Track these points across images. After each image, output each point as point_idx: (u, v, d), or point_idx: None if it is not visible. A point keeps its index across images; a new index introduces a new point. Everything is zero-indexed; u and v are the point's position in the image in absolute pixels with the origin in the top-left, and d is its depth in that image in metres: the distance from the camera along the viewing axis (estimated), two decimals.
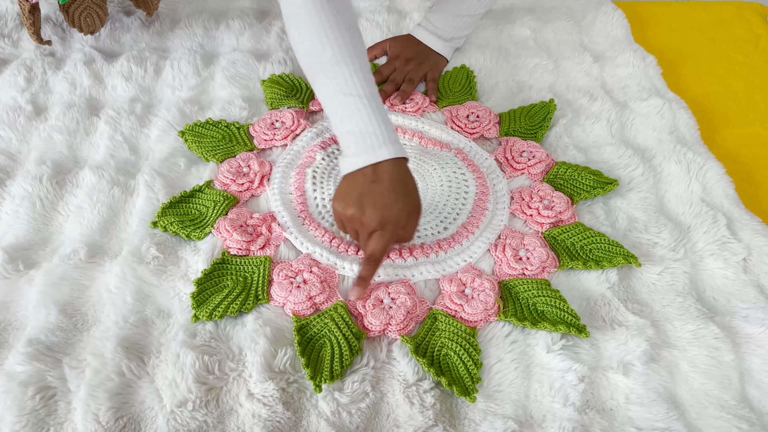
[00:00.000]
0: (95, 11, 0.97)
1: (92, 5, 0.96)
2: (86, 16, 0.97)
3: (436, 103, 0.96)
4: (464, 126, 0.91)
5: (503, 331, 0.68)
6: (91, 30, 0.98)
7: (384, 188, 0.67)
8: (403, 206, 0.67)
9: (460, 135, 0.91)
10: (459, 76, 1.00)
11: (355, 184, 0.68)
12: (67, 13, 0.96)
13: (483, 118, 0.92)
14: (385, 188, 0.67)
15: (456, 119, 0.92)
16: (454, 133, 0.91)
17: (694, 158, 0.87)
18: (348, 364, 0.64)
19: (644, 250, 0.77)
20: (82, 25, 0.97)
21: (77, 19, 0.97)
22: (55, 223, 0.77)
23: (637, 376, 0.65)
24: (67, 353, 0.64)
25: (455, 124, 0.92)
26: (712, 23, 1.17)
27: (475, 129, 0.91)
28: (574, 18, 1.13)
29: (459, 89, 0.98)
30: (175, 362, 0.63)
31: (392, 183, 0.67)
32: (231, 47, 1.03)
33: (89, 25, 0.98)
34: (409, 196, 0.69)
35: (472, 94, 0.97)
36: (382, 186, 0.67)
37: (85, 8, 0.96)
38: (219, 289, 0.69)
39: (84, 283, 0.70)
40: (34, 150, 0.84)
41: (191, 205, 0.78)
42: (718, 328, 0.68)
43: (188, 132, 0.87)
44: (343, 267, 0.73)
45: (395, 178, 0.67)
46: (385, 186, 0.67)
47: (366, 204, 0.67)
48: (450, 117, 0.93)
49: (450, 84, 0.99)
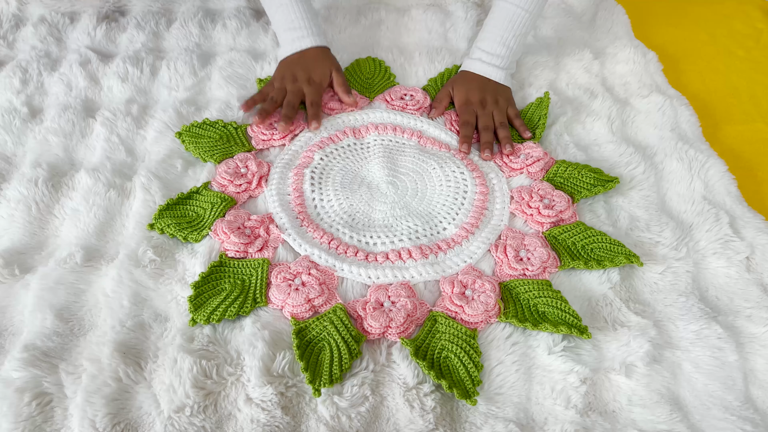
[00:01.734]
0: None
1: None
2: None
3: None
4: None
5: (504, 333, 0.67)
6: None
7: (308, 59, 0.93)
8: (323, 66, 0.93)
9: (458, 136, 0.90)
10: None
11: (288, 60, 0.94)
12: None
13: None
14: (309, 59, 0.93)
15: (455, 122, 0.92)
16: (452, 133, 0.90)
17: (696, 155, 0.86)
18: (347, 367, 0.63)
19: (646, 249, 0.76)
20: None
21: None
22: (50, 226, 0.76)
23: (639, 377, 0.64)
24: (63, 359, 0.63)
25: (453, 127, 0.91)
26: (713, 19, 1.16)
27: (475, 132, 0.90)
28: (573, 14, 1.12)
29: None
30: (173, 367, 0.62)
31: (315, 55, 0.94)
32: (228, 47, 1.02)
33: None
34: (328, 59, 0.94)
35: None
36: (306, 59, 0.93)
37: None
38: (217, 293, 0.69)
39: (80, 288, 0.69)
40: (30, 152, 0.84)
41: (188, 207, 0.78)
42: (721, 327, 0.68)
43: (185, 133, 0.86)
44: (342, 269, 0.72)
45: (318, 53, 0.94)
46: (309, 57, 0.93)
47: (296, 70, 0.92)
48: (449, 118, 0.92)
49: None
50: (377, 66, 1.00)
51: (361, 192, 0.82)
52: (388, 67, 1.00)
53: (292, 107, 0.88)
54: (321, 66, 0.93)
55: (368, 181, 0.84)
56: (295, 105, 0.89)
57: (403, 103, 0.93)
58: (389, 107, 0.93)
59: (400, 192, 0.82)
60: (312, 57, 0.93)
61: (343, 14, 1.09)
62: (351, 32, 1.07)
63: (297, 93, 0.90)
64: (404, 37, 1.07)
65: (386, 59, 1.02)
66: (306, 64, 0.93)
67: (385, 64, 1.01)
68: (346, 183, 0.83)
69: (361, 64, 1.00)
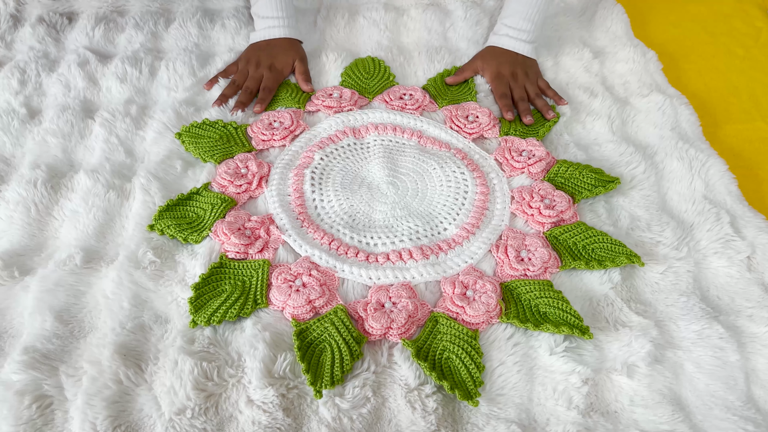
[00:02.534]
0: None
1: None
2: None
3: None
4: (463, 126, 0.90)
5: (505, 334, 0.67)
6: None
7: (275, 47, 0.98)
8: (287, 55, 0.98)
9: (459, 135, 0.90)
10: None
11: (256, 46, 0.99)
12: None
13: (482, 119, 0.91)
14: (276, 47, 0.98)
15: (455, 119, 0.91)
16: (453, 132, 0.90)
17: (697, 155, 0.86)
18: (349, 369, 0.63)
19: (647, 249, 0.76)
20: None
21: None
22: (50, 228, 0.75)
23: (641, 377, 0.64)
24: (63, 361, 0.63)
25: (454, 124, 0.91)
26: (713, 17, 1.16)
27: (474, 129, 0.90)
28: (573, 13, 1.12)
29: (458, 89, 0.97)
30: (174, 369, 0.62)
31: (282, 45, 0.99)
32: (227, 47, 1.02)
33: None
34: (294, 49, 0.99)
35: (471, 94, 0.96)
36: (273, 47, 0.98)
37: None
38: (217, 294, 0.69)
39: (80, 289, 0.69)
40: (29, 154, 0.83)
41: (188, 208, 0.77)
42: (722, 327, 0.68)
43: (185, 133, 0.86)
44: (342, 270, 0.72)
45: (285, 43, 0.99)
46: (276, 46, 0.98)
47: (261, 56, 0.97)
48: (449, 116, 0.92)
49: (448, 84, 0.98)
50: (376, 65, 1.00)
51: (362, 192, 0.82)
52: (387, 66, 1.00)
53: (248, 93, 0.93)
54: (285, 55, 0.98)
55: (368, 181, 0.84)
56: (253, 91, 0.94)
57: (402, 103, 0.93)
58: (389, 107, 0.93)
59: (401, 192, 0.82)
60: (278, 46, 0.98)
61: (342, 13, 1.09)
62: (350, 31, 1.07)
63: (257, 79, 0.95)
64: (403, 36, 1.07)
65: (386, 59, 1.01)
66: (271, 51, 0.98)
67: (384, 63, 1.00)
68: (347, 183, 0.83)
69: (360, 63, 1.00)
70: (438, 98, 0.95)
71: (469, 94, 0.96)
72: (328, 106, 0.92)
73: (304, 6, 1.10)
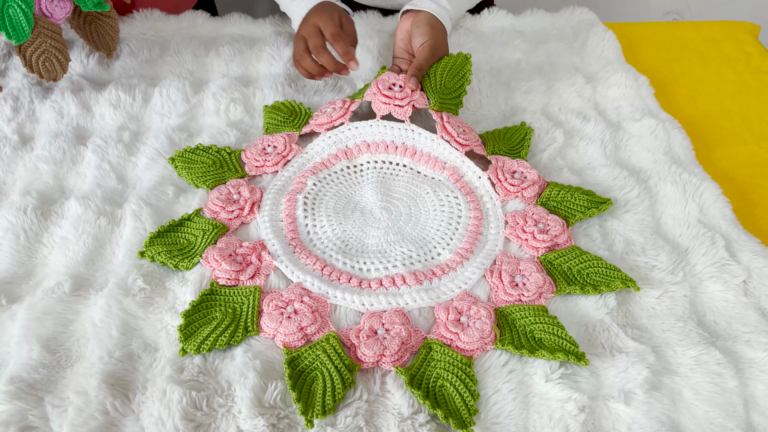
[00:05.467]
0: (55, 56, 0.91)
1: (51, 49, 0.90)
2: (45, 61, 0.90)
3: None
4: (456, 135, 0.87)
5: (500, 360, 0.66)
6: (53, 77, 0.92)
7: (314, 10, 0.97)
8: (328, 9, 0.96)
9: (451, 147, 0.87)
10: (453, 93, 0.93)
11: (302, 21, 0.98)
12: (24, 57, 0.88)
13: (470, 134, 0.89)
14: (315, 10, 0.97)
15: (448, 123, 0.87)
16: (445, 144, 0.88)
17: (690, 179, 0.86)
18: (341, 397, 0.62)
19: (642, 273, 0.76)
20: (41, 71, 0.90)
21: (35, 64, 0.89)
22: (39, 255, 0.75)
23: (639, 404, 0.63)
24: (49, 391, 0.62)
25: (447, 132, 0.87)
26: (703, 42, 1.17)
27: (468, 141, 0.87)
28: (565, 39, 1.13)
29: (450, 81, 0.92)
30: (162, 398, 0.61)
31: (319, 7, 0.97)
32: (220, 74, 1.02)
33: (49, 72, 0.91)
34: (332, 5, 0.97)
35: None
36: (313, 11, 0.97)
37: (43, 52, 0.89)
38: (207, 321, 0.68)
39: (68, 317, 0.68)
40: (20, 180, 0.83)
41: (179, 234, 0.77)
42: (720, 353, 0.67)
43: (178, 158, 0.86)
44: (335, 296, 0.71)
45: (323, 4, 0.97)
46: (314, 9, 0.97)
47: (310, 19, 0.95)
48: (441, 123, 0.87)
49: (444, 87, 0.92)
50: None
51: (355, 217, 0.82)
52: (384, 66, 0.99)
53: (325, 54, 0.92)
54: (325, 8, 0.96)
55: (361, 206, 0.83)
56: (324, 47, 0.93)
57: (392, 94, 0.88)
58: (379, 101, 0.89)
59: (394, 217, 0.82)
60: (319, 9, 0.97)
61: None
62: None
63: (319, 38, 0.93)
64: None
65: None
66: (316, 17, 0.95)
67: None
68: (339, 208, 0.82)
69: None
70: (429, 92, 0.90)
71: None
72: (320, 123, 0.90)
73: None
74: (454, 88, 0.92)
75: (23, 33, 0.86)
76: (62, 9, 0.92)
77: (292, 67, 1.04)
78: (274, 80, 1.00)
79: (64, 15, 0.93)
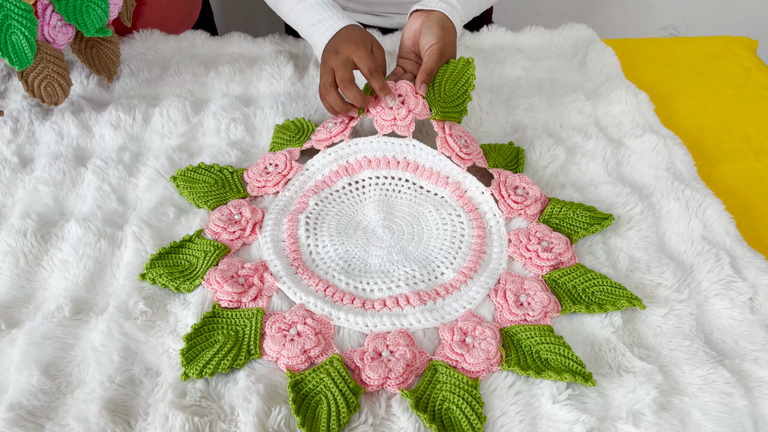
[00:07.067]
0: (57, 81, 0.91)
1: (53, 74, 0.90)
2: (47, 86, 0.90)
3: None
4: (458, 150, 0.85)
5: (506, 382, 0.65)
6: (54, 101, 0.92)
7: (343, 38, 0.90)
8: (360, 38, 0.89)
9: (453, 163, 0.86)
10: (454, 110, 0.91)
11: (328, 47, 0.91)
12: (26, 82, 0.88)
13: (472, 146, 0.87)
14: (344, 38, 0.90)
15: (450, 136, 0.85)
16: (447, 161, 0.86)
17: (693, 195, 0.85)
18: (345, 422, 0.61)
19: (647, 291, 0.75)
20: (43, 96, 0.90)
21: (37, 89, 0.89)
22: (39, 278, 0.74)
23: (647, 426, 0.62)
24: (49, 418, 0.61)
25: (448, 146, 0.85)
26: (702, 58, 1.18)
27: (469, 155, 0.86)
28: (564, 56, 1.13)
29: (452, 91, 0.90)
30: (164, 425, 0.60)
31: (348, 34, 0.90)
32: (221, 93, 1.02)
33: (51, 96, 0.90)
34: (362, 32, 0.91)
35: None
36: (341, 38, 0.90)
37: (45, 77, 0.89)
38: (209, 345, 0.67)
39: (68, 342, 0.67)
40: (19, 203, 0.82)
41: (181, 256, 0.76)
42: (728, 372, 0.66)
43: (180, 177, 0.85)
44: (338, 317, 0.71)
45: (351, 30, 0.91)
46: (343, 37, 0.90)
47: (340, 49, 0.88)
48: (443, 135, 0.86)
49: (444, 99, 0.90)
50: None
51: (357, 237, 0.81)
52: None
53: (352, 90, 0.85)
54: (356, 37, 0.89)
55: (364, 225, 0.83)
56: (352, 80, 0.86)
57: (394, 114, 0.86)
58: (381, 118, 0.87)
59: (397, 236, 0.81)
60: (348, 38, 0.89)
61: None
62: None
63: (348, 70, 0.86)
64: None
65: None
66: (341, 43, 0.89)
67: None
68: (342, 228, 0.82)
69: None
70: (430, 101, 0.88)
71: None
72: (320, 139, 0.89)
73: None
74: (456, 95, 0.89)
75: (26, 59, 0.86)
76: (65, 35, 0.92)
77: (292, 85, 1.04)
78: (275, 99, 1.00)
79: (66, 41, 0.93)
